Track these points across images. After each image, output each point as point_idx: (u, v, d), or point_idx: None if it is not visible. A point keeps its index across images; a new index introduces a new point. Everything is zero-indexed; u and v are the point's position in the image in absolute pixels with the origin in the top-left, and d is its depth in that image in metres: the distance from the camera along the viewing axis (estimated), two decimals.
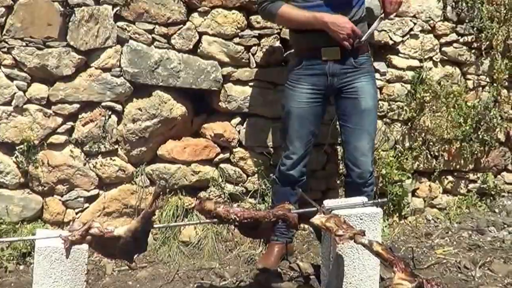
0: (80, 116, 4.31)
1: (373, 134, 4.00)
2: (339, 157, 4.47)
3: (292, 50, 4.20)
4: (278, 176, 4.08)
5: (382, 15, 3.73)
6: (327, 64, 3.66)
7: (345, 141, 3.99)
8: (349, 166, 3.98)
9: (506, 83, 5.04)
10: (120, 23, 4.25)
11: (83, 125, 4.31)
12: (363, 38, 3.77)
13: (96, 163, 4.39)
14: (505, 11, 4.90)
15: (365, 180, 3.92)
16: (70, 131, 4.33)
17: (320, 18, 3.53)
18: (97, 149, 4.35)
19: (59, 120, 4.28)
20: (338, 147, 4.68)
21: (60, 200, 4.39)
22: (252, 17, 4.41)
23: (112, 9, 4.21)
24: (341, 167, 4.67)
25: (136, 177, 4.46)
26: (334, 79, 3.70)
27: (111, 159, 4.41)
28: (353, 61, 3.82)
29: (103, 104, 4.29)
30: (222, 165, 4.47)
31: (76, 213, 4.44)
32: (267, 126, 4.40)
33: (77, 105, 4.27)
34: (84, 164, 4.37)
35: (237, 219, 3.06)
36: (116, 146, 4.40)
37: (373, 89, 3.98)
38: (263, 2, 3.65)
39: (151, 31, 4.30)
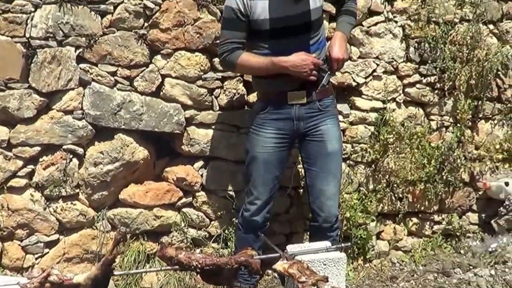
0: (41, 159, 4.64)
1: (339, 177, 4.35)
2: (303, 201, 4.75)
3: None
4: (241, 222, 4.21)
5: (327, 76, 4.03)
6: (293, 108, 3.97)
7: (310, 184, 4.24)
8: (315, 210, 4.25)
9: (470, 123, 5.54)
10: (82, 65, 4.62)
11: (44, 169, 4.65)
12: (318, 89, 4.18)
13: (56, 207, 4.72)
14: (467, 51, 5.42)
15: (331, 224, 4.10)
16: (30, 175, 4.66)
17: (278, 63, 3.81)
18: (57, 193, 4.68)
19: (20, 163, 4.61)
20: (301, 190, 5.09)
21: (19, 245, 4.71)
22: (215, 60, 4.78)
23: (75, 51, 4.59)
24: (305, 211, 5.07)
25: (97, 222, 4.80)
26: (300, 123, 3.99)
27: (72, 203, 4.75)
28: (318, 104, 4.02)
29: (64, 147, 4.65)
30: (184, 210, 4.77)
31: (36, 259, 4.74)
32: (230, 170, 4.71)
33: (38, 148, 4.61)
34: (45, 209, 4.69)
35: (199, 266, 3.26)
36: (77, 190, 4.74)
37: (338, 132, 4.36)
38: (222, 53, 3.90)
39: (113, 73, 4.68)
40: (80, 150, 4.68)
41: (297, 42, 3.90)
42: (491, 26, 5.59)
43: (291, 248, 3.62)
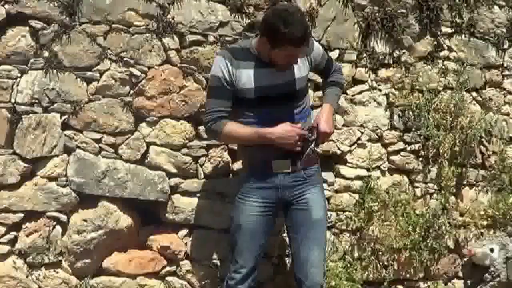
0: (24, 226, 4.62)
1: (323, 246, 4.35)
2: (288, 269, 4.72)
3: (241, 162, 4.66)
4: None
5: (313, 146, 3.98)
6: (278, 177, 3.94)
7: (295, 252, 4.31)
8: (299, 278, 4.28)
9: (454, 190, 5.59)
10: (67, 132, 4.65)
11: (27, 235, 4.62)
12: (303, 158, 4.17)
13: (39, 275, 4.67)
14: (451, 119, 5.51)
15: None
16: (13, 241, 4.64)
17: (263, 135, 3.79)
18: (40, 261, 4.64)
19: (2, 229, 4.58)
20: (286, 258, 5.10)
21: None
22: (201, 128, 4.82)
23: (60, 117, 4.63)
24: (290, 279, 5.03)
25: None
26: (285, 192, 3.95)
27: (54, 271, 4.70)
28: (303, 173, 3.98)
29: (48, 214, 4.63)
30: (168, 278, 4.66)
31: None
32: (215, 238, 4.63)
33: (21, 215, 4.59)
34: (27, 276, 4.65)
35: None
36: (60, 258, 4.70)
37: (322, 200, 4.38)
38: (207, 122, 3.90)
39: (98, 141, 4.70)
40: (63, 217, 4.66)
41: (282, 111, 3.90)
42: (474, 94, 5.71)
43: None
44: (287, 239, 4.58)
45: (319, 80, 4.80)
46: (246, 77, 4.06)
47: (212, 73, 3.93)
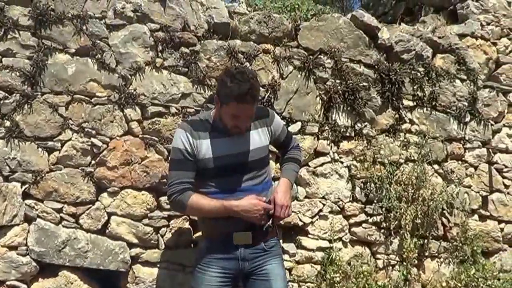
0: None
1: None
2: None
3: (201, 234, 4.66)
4: None
5: (270, 223, 3.96)
6: (238, 249, 3.92)
7: None
8: None
9: (416, 262, 5.66)
10: (28, 201, 4.69)
11: None
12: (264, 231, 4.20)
13: None
14: (413, 191, 5.61)
15: None
16: None
17: (229, 208, 3.77)
18: None
19: None
20: None
21: None
22: (162, 198, 4.91)
23: (21, 187, 4.67)
24: None
25: None
26: (245, 263, 3.92)
27: None
28: (264, 245, 3.96)
29: (7, 283, 4.59)
30: None
31: None
32: None
33: None
34: None
35: None
36: None
37: (282, 271, 4.38)
38: (172, 194, 3.85)
39: (59, 210, 4.75)
40: (23, 287, 4.66)
41: (242, 180, 3.92)
42: (436, 166, 5.80)
43: None
44: None
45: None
46: (206, 147, 3.87)
47: (174, 146, 3.93)
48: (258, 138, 4.06)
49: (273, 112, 4.18)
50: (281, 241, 4.53)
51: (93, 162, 4.77)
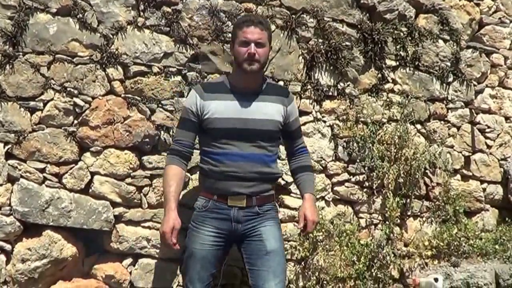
0: None
1: (281, 276, 4.33)
2: None
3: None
4: None
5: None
6: (232, 210, 4.01)
7: (253, 285, 4.08)
8: None
9: (398, 221, 5.72)
10: (11, 161, 4.67)
11: None
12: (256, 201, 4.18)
13: None
14: (395, 150, 5.64)
15: None
16: None
17: (166, 210, 4.14)
18: None
19: None
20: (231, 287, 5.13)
21: None
22: (144, 158, 4.92)
23: (4, 147, 4.65)
24: None
25: None
26: (238, 225, 4.02)
27: None
28: (258, 208, 4.06)
29: None
30: None
31: None
32: (160, 267, 4.68)
33: None
34: None
35: None
36: (5, 287, 4.68)
37: (278, 232, 4.43)
38: (170, 149, 4.26)
39: (42, 170, 4.74)
40: (7, 247, 4.67)
41: (247, 147, 4.04)
42: (418, 126, 5.84)
43: None
44: (247, 272, 4.51)
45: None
46: (214, 107, 3.98)
47: (185, 103, 4.18)
48: (271, 111, 4.23)
49: (293, 96, 4.35)
50: (277, 206, 4.50)
51: (75, 121, 4.75)
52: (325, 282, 5.32)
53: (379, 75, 5.70)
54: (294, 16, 5.34)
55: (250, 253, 4.34)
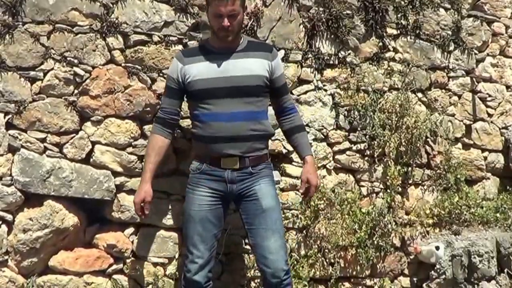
0: None
1: (280, 232, 4.17)
2: (235, 267, 4.89)
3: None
4: (184, 285, 4.20)
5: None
6: (226, 172, 4.06)
7: (253, 243, 4.17)
8: (261, 268, 4.13)
9: (400, 189, 5.71)
10: (12, 131, 4.65)
11: None
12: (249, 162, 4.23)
13: None
14: (396, 119, 5.63)
15: (280, 280, 4.05)
16: None
17: (142, 180, 4.39)
18: None
19: None
20: (233, 256, 5.15)
21: None
22: (146, 127, 4.89)
23: (4, 117, 4.62)
24: (237, 277, 5.15)
25: None
26: (233, 186, 4.07)
27: (1, 270, 4.67)
28: (251, 169, 4.10)
29: None
30: (115, 276, 4.67)
31: None
32: (161, 236, 4.74)
33: None
34: None
35: None
36: (6, 257, 4.69)
37: (273, 190, 4.45)
38: (155, 117, 4.33)
39: (43, 140, 4.71)
40: (9, 217, 4.65)
41: (234, 104, 4.06)
42: (419, 94, 5.83)
43: None
44: (247, 233, 4.54)
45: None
46: (195, 70, 4.04)
47: (168, 72, 4.28)
48: (254, 66, 4.22)
49: (277, 52, 4.33)
50: (271, 165, 4.48)
51: (76, 91, 4.71)
52: (326, 250, 5.34)
53: (380, 44, 5.67)
54: None
55: (247, 212, 4.37)
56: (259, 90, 4.06)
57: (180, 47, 4.95)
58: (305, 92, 5.33)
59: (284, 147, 5.19)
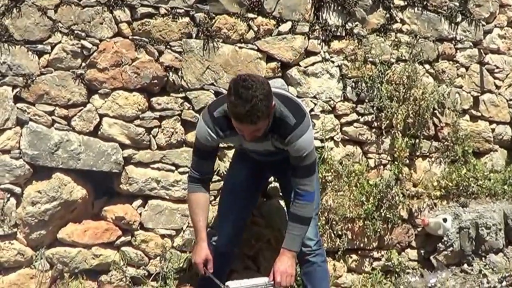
0: None
1: (314, 179, 3.99)
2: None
3: None
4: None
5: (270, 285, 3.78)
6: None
7: (283, 193, 4.54)
8: (290, 192, 4.05)
9: (407, 161, 5.71)
10: (20, 105, 4.67)
11: None
12: None
13: None
14: (404, 91, 5.61)
15: (310, 249, 4.23)
16: None
17: (196, 240, 4.08)
18: None
19: None
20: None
21: None
22: (153, 99, 4.94)
23: (12, 91, 4.64)
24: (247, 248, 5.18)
25: (36, 261, 4.80)
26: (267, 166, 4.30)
27: (9, 242, 4.72)
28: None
29: (1, 186, 4.63)
30: (123, 248, 4.76)
31: None
32: (169, 208, 4.82)
33: None
34: None
35: None
36: (15, 230, 4.73)
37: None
38: (189, 176, 4.15)
39: (51, 113, 4.74)
40: (17, 189, 4.69)
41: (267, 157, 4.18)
42: (427, 66, 5.80)
43: (231, 284, 3.80)
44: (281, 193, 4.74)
45: (272, 51, 5.08)
46: (231, 140, 4.14)
47: (198, 136, 3.97)
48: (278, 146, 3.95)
49: (295, 135, 3.79)
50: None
51: (83, 64, 4.73)
52: (334, 222, 5.36)
53: (387, 15, 5.64)
54: None
55: (282, 177, 4.50)
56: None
57: (187, 19, 4.96)
58: (312, 64, 5.33)
59: None
